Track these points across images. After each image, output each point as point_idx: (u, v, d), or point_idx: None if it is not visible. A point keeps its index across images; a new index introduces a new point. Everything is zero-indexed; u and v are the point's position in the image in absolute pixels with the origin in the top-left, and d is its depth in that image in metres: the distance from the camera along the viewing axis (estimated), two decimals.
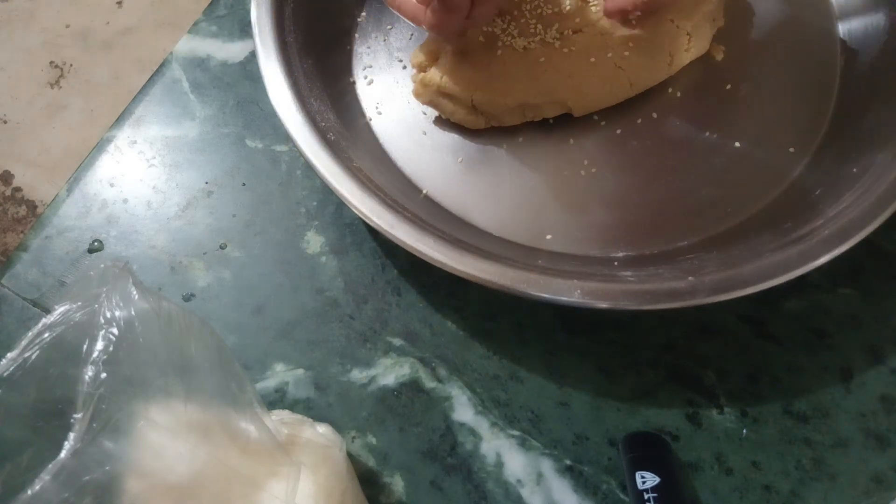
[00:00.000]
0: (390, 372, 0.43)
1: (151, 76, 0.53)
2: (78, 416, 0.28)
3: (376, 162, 0.46)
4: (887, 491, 0.39)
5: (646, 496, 0.37)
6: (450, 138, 0.48)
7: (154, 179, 0.50)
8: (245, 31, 0.54)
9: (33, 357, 0.30)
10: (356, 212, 0.39)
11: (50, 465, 0.28)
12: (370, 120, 0.48)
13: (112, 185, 0.50)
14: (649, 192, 0.45)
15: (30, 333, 0.31)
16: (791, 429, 0.41)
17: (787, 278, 0.36)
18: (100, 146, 0.51)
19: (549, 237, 0.44)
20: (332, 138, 0.42)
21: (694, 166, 0.46)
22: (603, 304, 0.36)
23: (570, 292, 0.36)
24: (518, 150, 0.47)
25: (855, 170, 0.41)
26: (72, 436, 0.28)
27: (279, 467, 0.33)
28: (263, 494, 0.32)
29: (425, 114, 0.48)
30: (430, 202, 0.45)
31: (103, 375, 0.29)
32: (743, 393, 0.42)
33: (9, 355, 0.30)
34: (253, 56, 0.53)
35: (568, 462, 0.41)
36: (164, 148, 0.51)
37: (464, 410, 0.42)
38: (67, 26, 1.41)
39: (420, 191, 0.46)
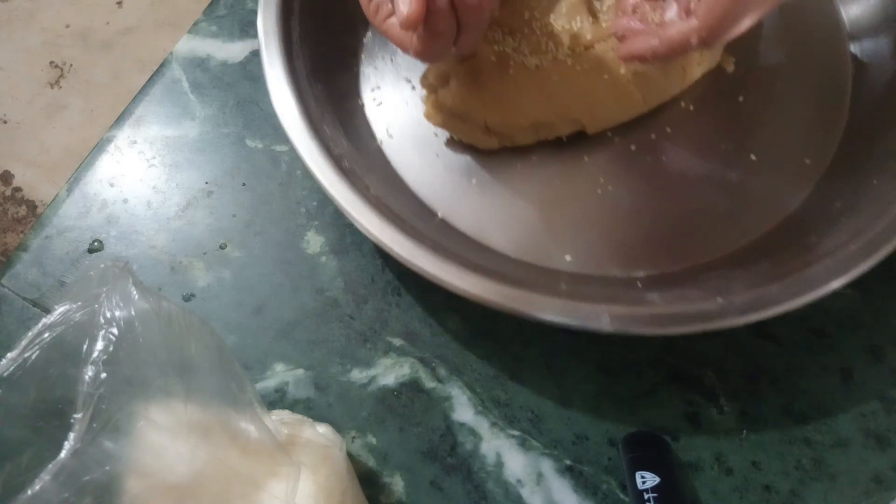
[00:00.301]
0: (390, 372, 0.43)
1: (151, 76, 0.53)
2: (78, 416, 0.28)
3: (390, 187, 0.45)
4: (887, 491, 0.39)
5: (646, 496, 0.37)
6: (463, 160, 0.47)
7: (154, 179, 0.50)
8: (245, 31, 0.54)
9: (33, 357, 0.30)
10: (376, 241, 0.39)
11: (50, 465, 0.28)
12: (381, 143, 0.48)
13: (112, 185, 0.50)
14: (667, 208, 0.45)
15: (30, 333, 0.31)
16: (791, 429, 0.41)
17: (817, 296, 0.35)
18: (100, 146, 0.51)
19: (568, 258, 0.43)
20: (348, 166, 0.42)
21: (710, 180, 0.45)
22: (633, 330, 0.36)
23: (597, 319, 0.36)
24: (532, 170, 0.46)
25: (875, 181, 0.41)
26: (72, 436, 0.28)
27: (279, 467, 0.33)
28: (263, 494, 0.32)
29: (436, 135, 0.48)
30: (446, 226, 0.45)
31: (103, 375, 0.29)
32: (743, 393, 0.42)
33: (9, 355, 0.30)
34: (252, 56, 0.53)
35: (568, 462, 0.41)
36: (164, 148, 0.51)
37: (464, 410, 0.42)
38: (67, 26, 1.41)
39: (435, 214, 0.45)
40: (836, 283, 0.36)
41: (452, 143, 0.47)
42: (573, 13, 0.45)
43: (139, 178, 0.50)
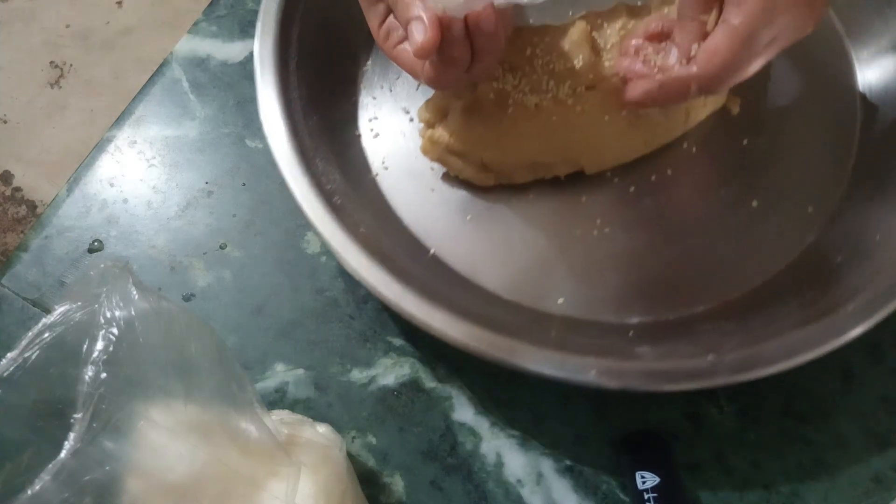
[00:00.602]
0: (390, 372, 0.43)
1: (151, 76, 0.53)
2: (78, 416, 0.28)
3: (383, 221, 0.45)
4: (887, 491, 0.39)
5: (646, 496, 0.37)
6: (458, 195, 0.46)
7: (154, 179, 0.50)
8: (245, 31, 0.54)
9: (33, 357, 0.30)
10: (363, 282, 0.38)
11: (50, 465, 0.28)
12: (376, 175, 0.47)
13: (112, 185, 0.50)
14: (664, 253, 0.44)
15: (30, 333, 0.31)
16: (791, 429, 0.41)
17: (809, 357, 0.35)
18: (100, 146, 0.51)
19: (560, 301, 0.43)
20: (339, 202, 0.41)
21: (710, 226, 0.44)
22: (620, 385, 0.35)
23: (585, 372, 0.35)
24: (528, 208, 0.45)
25: (878, 237, 0.40)
26: (72, 436, 0.28)
27: (279, 467, 0.33)
28: (263, 494, 0.32)
29: (433, 169, 0.47)
30: (438, 262, 0.44)
31: (103, 375, 0.29)
32: (743, 393, 0.42)
33: (9, 355, 0.30)
34: (253, 56, 0.53)
35: (568, 462, 0.41)
36: (164, 148, 0.51)
37: (464, 410, 0.42)
38: (67, 26, 1.41)
39: (427, 250, 0.44)
40: (830, 346, 0.35)
41: (448, 177, 0.46)
42: (576, 51, 0.44)
43: (139, 178, 0.50)
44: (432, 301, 0.37)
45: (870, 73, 0.47)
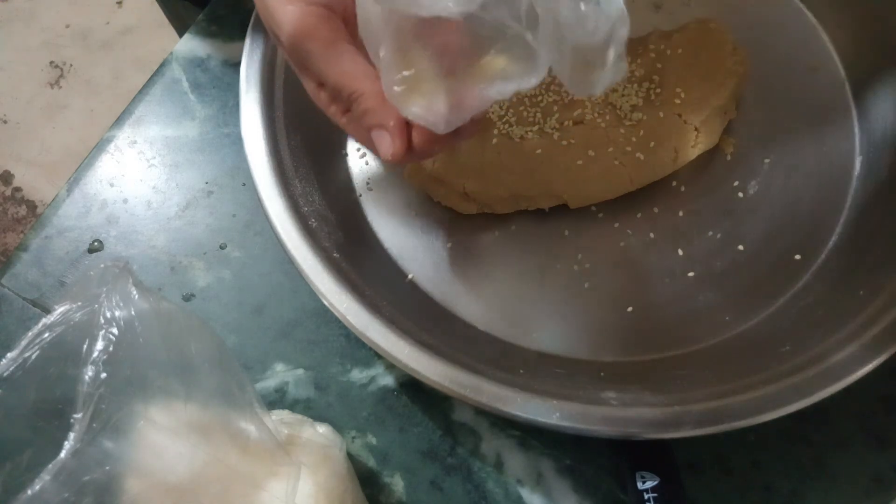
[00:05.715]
0: (390, 372, 0.44)
1: (151, 76, 0.53)
2: (78, 416, 0.28)
3: (361, 244, 0.44)
4: (887, 491, 0.39)
5: (646, 496, 0.37)
6: (440, 222, 0.46)
7: (154, 179, 0.50)
8: (245, 30, 0.54)
9: (33, 357, 0.30)
10: (332, 309, 0.38)
11: (50, 465, 0.28)
12: (360, 196, 0.47)
13: (112, 185, 0.50)
14: (644, 293, 0.43)
15: (30, 333, 0.31)
16: (791, 429, 0.41)
17: (776, 415, 0.34)
18: (100, 146, 0.51)
19: (535, 335, 0.42)
20: (314, 225, 0.41)
21: (693, 268, 0.43)
22: (582, 429, 0.35)
23: (548, 414, 0.35)
24: (510, 239, 0.45)
25: (862, 293, 0.39)
26: (72, 436, 0.28)
27: (279, 467, 0.33)
28: (263, 494, 0.32)
29: (417, 193, 0.46)
30: (414, 288, 0.44)
31: (103, 375, 0.29)
32: None
33: (9, 355, 0.30)
34: None
35: (568, 462, 0.41)
36: (164, 148, 0.51)
37: (464, 410, 0.42)
38: (67, 26, 1.41)
39: (405, 275, 0.44)
40: (799, 405, 0.34)
41: (432, 203, 0.46)
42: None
43: (139, 178, 0.50)
44: (400, 333, 0.37)
45: (870, 123, 0.46)
